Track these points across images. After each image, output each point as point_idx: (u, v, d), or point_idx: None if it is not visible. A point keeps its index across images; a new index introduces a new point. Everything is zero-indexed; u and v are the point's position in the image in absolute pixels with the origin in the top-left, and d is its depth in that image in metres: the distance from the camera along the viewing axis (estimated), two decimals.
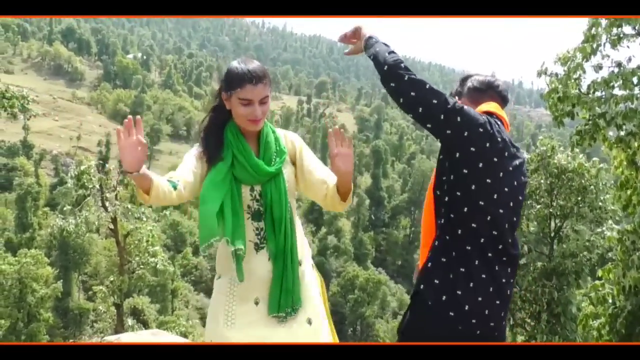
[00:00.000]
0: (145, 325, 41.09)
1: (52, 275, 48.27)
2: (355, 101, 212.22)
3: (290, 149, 3.72)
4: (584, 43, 8.41)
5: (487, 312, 3.17)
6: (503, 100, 3.64)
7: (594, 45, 8.38)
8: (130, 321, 30.32)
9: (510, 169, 3.27)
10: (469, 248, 3.19)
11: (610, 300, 9.25)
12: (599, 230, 17.33)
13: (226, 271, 3.64)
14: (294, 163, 3.73)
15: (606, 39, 8.36)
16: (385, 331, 60.98)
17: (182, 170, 3.47)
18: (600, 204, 17.24)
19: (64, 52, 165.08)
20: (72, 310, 55.92)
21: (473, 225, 3.19)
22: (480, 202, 3.19)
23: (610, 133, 8.46)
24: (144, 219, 25.58)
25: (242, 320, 3.56)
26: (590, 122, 8.50)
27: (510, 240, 3.28)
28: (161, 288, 57.12)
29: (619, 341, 8.90)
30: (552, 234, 18.50)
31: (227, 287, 3.61)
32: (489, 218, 3.20)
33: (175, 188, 3.30)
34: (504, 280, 3.26)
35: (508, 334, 21.33)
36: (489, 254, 3.22)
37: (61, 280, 51.17)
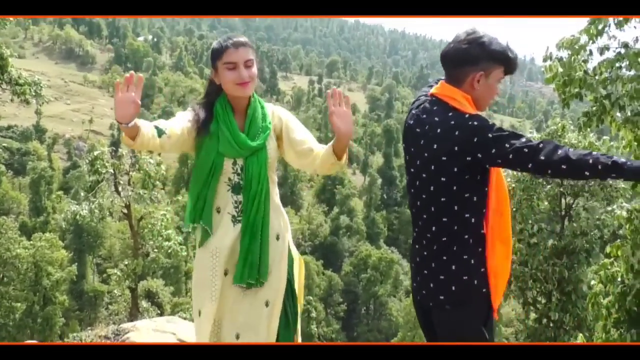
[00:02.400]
0: (160, 307, 41.39)
1: (66, 258, 48.56)
2: (366, 80, 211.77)
3: (276, 124, 3.80)
4: (590, 25, 8.40)
5: (417, 280, 3.54)
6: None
7: (600, 27, 8.36)
8: (145, 304, 30.56)
9: (419, 148, 3.43)
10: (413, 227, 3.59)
11: (619, 279, 9.29)
12: (609, 208, 17.34)
13: (207, 243, 3.75)
14: (279, 137, 3.82)
15: (612, 20, 8.34)
16: (399, 309, 61.05)
17: (173, 123, 3.58)
18: (610, 182, 17.24)
19: (75, 35, 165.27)
20: (87, 293, 56.32)
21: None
22: (408, 186, 3.54)
23: (618, 114, 8.46)
24: (157, 203, 25.71)
25: (230, 292, 3.72)
26: (597, 103, 8.51)
27: (425, 217, 3.45)
28: (175, 270, 57.38)
29: (627, 319, 8.96)
30: (563, 213, 18.53)
31: (210, 260, 3.71)
32: (409, 199, 3.57)
33: (160, 135, 3.43)
34: (425, 254, 3.47)
35: (520, 312, 21.40)
36: (415, 231, 3.57)
37: (76, 264, 51.54)
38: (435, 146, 3.31)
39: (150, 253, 25.90)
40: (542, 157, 3.00)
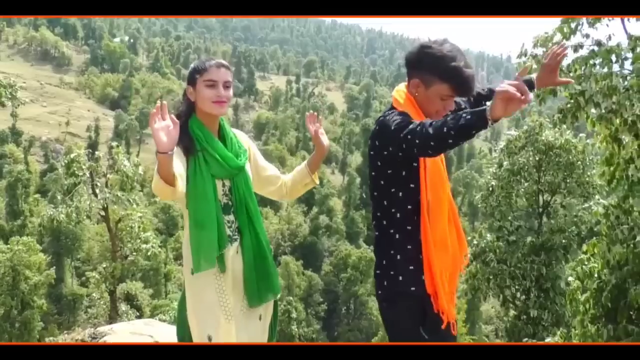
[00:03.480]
0: (139, 310, 41.23)
1: (44, 262, 48.17)
2: (344, 80, 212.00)
3: (247, 149, 3.88)
4: (563, 23, 8.47)
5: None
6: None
7: (573, 25, 8.44)
8: (123, 306, 30.39)
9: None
10: None
11: (595, 275, 9.37)
12: (586, 205, 17.49)
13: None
14: (249, 160, 3.89)
15: (586, 18, 8.42)
16: (378, 309, 61.21)
17: (177, 167, 3.47)
18: (587, 179, 17.39)
19: (50, 37, 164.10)
20: (66, 297, 56.01)
21: None
22: None
23: (593, 110, 8.53)
24: (135, 205, 25.59)
25: (235, 313, 3.67)
26: (572, 100, 8.58)
27: (374, 212, 3.53)
28: (154, 272, 57.24)
29: (604, 315, 9.03)
30: (541, 210, 18.66)
31: (214, 281, 3.67)
32: None
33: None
34: (376, 246, 3.53)
35: (499, 309, 21.53)
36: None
37: (54, 267, 51.12)
38: (369, 142, 3.41)
39: (128, 255, 25.78)
40: (417, 140, 3.02)
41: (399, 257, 3.42)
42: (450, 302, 3.41)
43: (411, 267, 3.39)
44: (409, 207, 3.38)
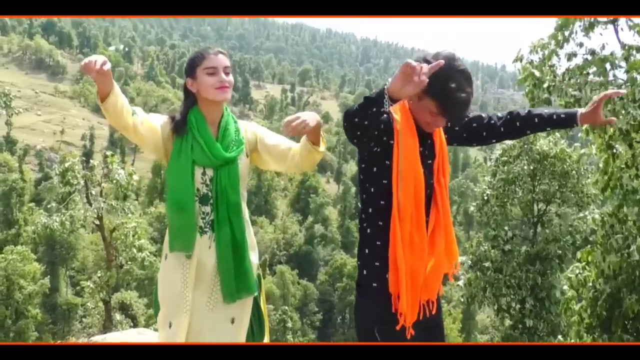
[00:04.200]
0: (134, 319, 41.08)
1: (39, 271, 48.06)
2: (339, 88, 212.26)
3: (250, 138, 3.81)
4: (556, 30, 8.52)
5: None
6: None
7: (567, 34, 8.48)
8: (118, 316, 30.33)
9: None
10: None
11: (590, 284, 9.38)
12: (581, 214, 17.51)
13: (175, 253, 3.74)
14: (254, 150, 3.83)
15: (578, 27, 8.46)
16: None
17: (150, 116, 3.68)
18: (582, 188, 17.42)
19: (45, 45, 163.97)
20: (61, 306, 55.75)
21: None
22: None
23: None
24: (130, 214, 25.56)
25: (195, 307, 3.68)
26: (566, 108, 8.60)
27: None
28: (149, 281, 57.01)
29: (599, 324, 9.03)
30: (536, 219, 18.67)
31: (180, 270, 3.70)
32: None
33: (132, 114, 3.50)
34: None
35: (495, 319, 21.49)
36: None
37: (48, 276, 51.10)
38: None
39: (123, 265, 25.73)
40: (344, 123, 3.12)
41: (367, 251, 3.46)
42: (413, 306, 3.37)
43: (377, 263, 3.41)
44: (382, 202, 3.37)
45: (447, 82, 3.12)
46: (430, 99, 3.20)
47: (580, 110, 3.43)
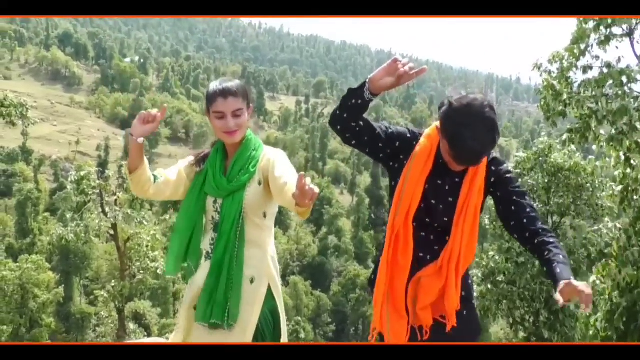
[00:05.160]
0: (147, 329, 41.13)
1: (53, 280, 48.26)
2: None
3: (264, 166, 3.77)
4: (572, 44, 8.53)
5: None
6: None
7: (582, 47, 8.49)
8: (132, 325, 30.37)
9: None
10: None
11: (606, 296, 9.33)
12: (596, 227, 17.40)
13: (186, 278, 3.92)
14: (267, 179, 3.76)
15: (594, 40, 8.47)
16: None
17: (170, 170, 3.79)
18: (597, 201, 17.32)
19: (61, 57, 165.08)
20: (74, 315, 55.89)
21: None
22: None
23: (602, 132, 8.53)
24: (145, 224, 25.63)
25: (184, 327, 3.82)
26: (581, 120, 8.60)
27: None
28: (162, 291, 57.13)
29: (617, 338, 8.97)
30: None
31: (188, 293, 3.86)
32: None
33: (154, 181, 3.65)
34: None
35: (508, 331, 21.41)
36: None
37: (63, 285, 51.28)
38: None
39: (137, 274, 25.79)
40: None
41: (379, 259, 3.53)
42: (397, 325, 3.43)
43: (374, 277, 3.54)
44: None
45: (461, 128, 3.08)
46: (445, 140, 3.19)
47: (563, 283, 3.02)
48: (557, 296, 2.95)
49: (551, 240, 3.22)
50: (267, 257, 3.83)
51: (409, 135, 3.44)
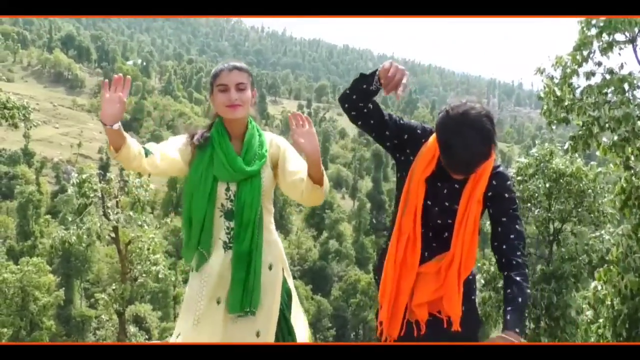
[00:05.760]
0: (148, 332, 41.13)
1: (54, 283, 48.17)
2: None
3: (273, 152, 3.80)
4: (575, 50, 8.52)
5: None
6: None
7: (585, 53, 8.49)
8: (132, 329, 30.35)
9: None
10: None
11: (608, 303, 9.31)
12: (597, 233, 17.37)
13: (200, 268, 3.74)
14: (275, 166, 3.81)
15: (597, 47, 8.47)
16: None
17: (165, 146, 3.63)
18: (598, 207, 17.30)
19: (63, 59, 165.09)
20: (75, 318, 55.84)
21: None
22: None
23: (605, 139, 8.53)
24: (146, 227, 25.60)
25: (206, 320, 3.67)
26: (583, 127, 8.59)
27: None
28: (163, 294, 57.08)
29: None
30: (551, 237, 18.56)
31: (198, 284, 3.70)
32: None
33: (146, 155, 3.45)
34: None
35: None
36: None
37: (63, 288, 51.18)
38: None
39: (138, 277, 25.76)
40: None
41: (386, 245, 3.58)
42: (394, 320, 3.46)
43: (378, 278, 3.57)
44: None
45: (453, 137, 3.04)
46: (439, 147, 3.19)
47: (511, 338, 3.02)
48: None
49: (517, 279, 3.20)
50: (278, 242, 3.90)
51: (419, 131, 3.45)
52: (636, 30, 8.56)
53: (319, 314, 65.61)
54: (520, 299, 3.14)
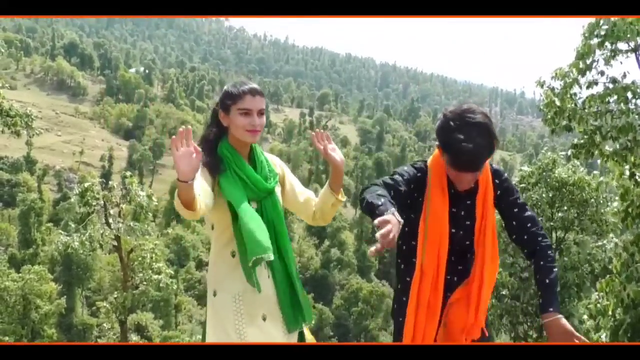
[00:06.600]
0: (150, 340, 41.07)
1: (55, 291, 48.22)
2: (357, 113, 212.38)
3: (279, 173, 3.83)
4: (577, 59, 8.52)
5: None
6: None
7: (588, 62, 8.49)
8: (134, 337, 30.33)
9: None
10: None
11: (610, 313, 9.28)
12: (600, 242, 17.35)
13: (225, 287, 3.65)
14: (281, 184, 3.85)
15: (600, 56, 8.48)
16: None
17: (198, 183, 3.40)
18: (601, 216, 17.29)
19: (66, 67, 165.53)
20: (76, 326, 55.83)
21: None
22: None
23: (607, 147, 8.52)
24: (147, 236, 25.59)
25: (256, 335, 3.58)
26: (586, 136, 8.59)
27: None
28: (165, 303, 57.03)
29: None
30: (554, 247, 18.53)
31: (232, 303, 3.61)
32: None
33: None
34: None
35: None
36: None
37: (65, 296, 51.23)
38: None
39: (139, 286, 25.73)
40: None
41: (399, 286, 3.60)
42: None
43: (404, 299, 3.51)
44: (413, 243, 3.47)
45: (454, 134, 3.16)
46: (444, 151, 3.29)
47: (554, 318, 3.24)
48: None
49: (542, 263, 3.38)
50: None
51: (418, 174, 3.48)
52: (638, 39, 8.56)
53: (320, 322, 65.52)
54: (548, 281, 3.31)
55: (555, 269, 3.36)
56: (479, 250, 3.51)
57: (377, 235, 2.65)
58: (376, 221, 2.72)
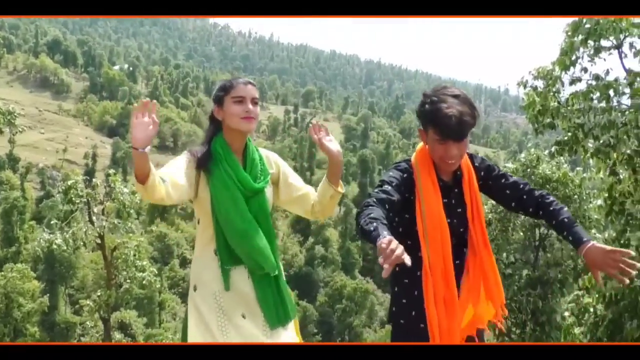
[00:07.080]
0: (133, 338, 40.95)
1: (38, 289, 47.99)
2: (342, 110, 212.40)
3: (274, 171, 3.83)
4: (561, 56, 8.54)
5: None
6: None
7: (572, 58, 8.51)
8: (117, 335, 30.23)
9: None
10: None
11: (591, 310, 9.34)
12: None
13: (205, 283, 3.66)
14: (275, 183, 3.85)
15: (583, 52, 8.50)
16: (374, 340, 60.82)
17: (171, 171, 3.49)
18: (584, 212, 17.35)
19: (50, 64, 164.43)
20: (59, 325, 55.50)
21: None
22: None
23: (590, 144, 8.56)
24: (131, 233, 25.53)
25: (234, 333, 3.58)
26: (569, 133, 8.62)
27: None
28: (148, 301, 56.86)
29: None
30: (537, 243, 18.60)
31: (212, 300, 3.62)
32: None
33: (163, 182, 3.35)
34: None
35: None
36: None
37: (47, 295, 50.98)
38: None
39: (123, 284, 25.67)
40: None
41: (396, 289, 3.56)
42: None
43: (404, 301, 3.51)
44: (408, 242, 3.40)
45: (436, 105, 3.25)
46: (429, 126, 3.32)
47: (589, 245, 3.18)
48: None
49: (552, 208, 3.45)
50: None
51: (404, 175, 3.48)
52: (621, 36, 8.60)
53: (304, 319, 65.49)
54: (567, 220, 3.37)
55: (565, 208, 3.44)
56: (474, 233, 3.56)
57: (380, 261, 2.68)
58: (378, 254, 2.75)
